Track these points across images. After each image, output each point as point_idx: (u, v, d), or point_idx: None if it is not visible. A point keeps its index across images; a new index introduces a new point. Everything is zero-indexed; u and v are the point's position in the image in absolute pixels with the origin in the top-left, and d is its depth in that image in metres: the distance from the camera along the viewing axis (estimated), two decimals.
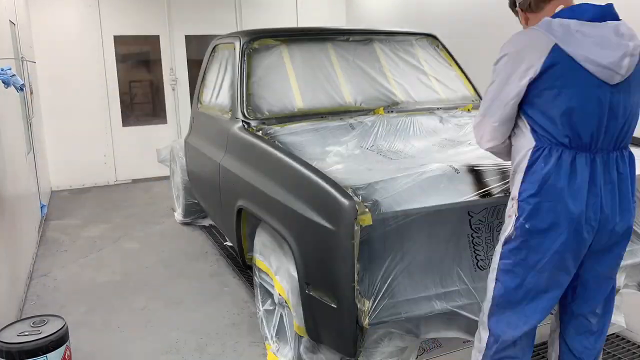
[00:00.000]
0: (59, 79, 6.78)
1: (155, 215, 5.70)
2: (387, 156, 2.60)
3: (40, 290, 3.85)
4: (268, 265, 2.69)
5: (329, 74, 3.47)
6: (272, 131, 2.96)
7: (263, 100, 3.28)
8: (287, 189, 2.38)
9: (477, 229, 2.14)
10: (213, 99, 3.97)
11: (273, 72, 3.42)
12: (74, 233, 5.15)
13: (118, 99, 7.18)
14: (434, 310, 2.06)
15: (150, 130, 7.43)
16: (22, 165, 4.42)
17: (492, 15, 5.28)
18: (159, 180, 7.24)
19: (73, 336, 3.16)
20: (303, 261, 2.20)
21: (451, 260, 2.12)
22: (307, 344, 2.38)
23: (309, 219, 2.13)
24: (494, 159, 2.34)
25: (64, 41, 6.79)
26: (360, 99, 3.42)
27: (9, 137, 3.84)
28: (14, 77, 2.97)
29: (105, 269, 4.18)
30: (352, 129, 3.00)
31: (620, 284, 2.44)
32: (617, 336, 2.92)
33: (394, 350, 2.20)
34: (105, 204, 6.24)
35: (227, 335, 3.15)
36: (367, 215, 1.91)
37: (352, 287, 1.93)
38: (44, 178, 6.14)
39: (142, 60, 7.57)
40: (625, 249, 1.96)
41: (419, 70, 3.75)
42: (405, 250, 2.02)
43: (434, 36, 4.05)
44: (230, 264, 4.21)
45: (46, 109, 6.74)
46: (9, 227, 3.43)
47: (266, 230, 2.75)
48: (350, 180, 2.13)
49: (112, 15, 7.02)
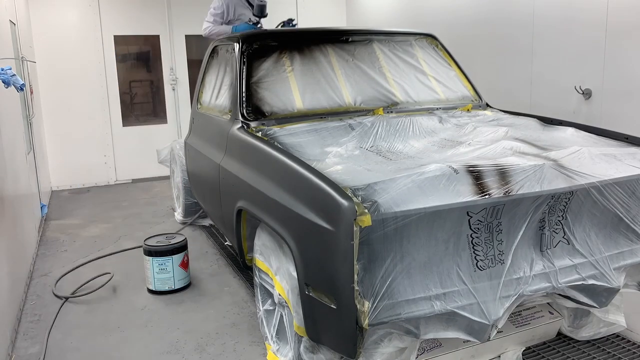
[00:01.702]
0: (59, 79, 6.79)
1: (156, 215, 5.70)
2: (387, 157, 2.60)
3: (40, 290, 3.85)
4: (268, 265, 2.69)
5: (328, 74, 3.47)
6: (271, 132, 2.96)
7: (262, 101, 3.28)
8: (287, 190, 2.38)
9: (477, 229, 2.14)
10: (213, 99, 3.97)
11: (272, 73, 3.41)
12: (74, 233, 5.16)
13: (118, 99, 7.19)
14: (433, 311, 2.06)
15: (150, 130, 7.43)
16: (22, 165, 4.42)
17: (491, 15, 5.29)
18: (159, 180, 7.25)
19: (73, 336, 3.18)
20: (303, 262, 2.21)
21: (450, 260, 2.12)
22: (307, 344, 2.38)
23: (308, 219, 2.13)
24: (493, 159, 2.35)
25: (64, 41, 6.80)
26: (360, 100, 3.42)
27: (9, 136, 3.84)
28: (14, 77, 2.97)
29: (105, 269, 4.18)
30: (352, 130, 3.00)
31: (620, 284, 2.44)
32: (617, 336, 2.92)
33: (393, 350, 2.20)
34: (105, 203, 6.24)
35: (227, 335, 3.15)
36: (366, 216, 1.91)
37: (352, 288, 1.94)
38: (44, 178, 6.15)
39: (142, 60, 7.56)
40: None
41: (419, 71, 3.74)
42: (405, 250, 2.02)
43: (434, 36, 4.05)
44: (230, 264, 4.22)
45: (46, 109, 6.74)
46: (9, 227, 3.43)
47: (266, 230, 2.75)
48: (350, 181, 2.13)
49: (112, 15, 7.03)
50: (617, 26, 4.01)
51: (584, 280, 2.35)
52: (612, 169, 2.44)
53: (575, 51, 4.42)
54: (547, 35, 4.68)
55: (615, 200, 2.40)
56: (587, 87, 4.33)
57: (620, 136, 2.93)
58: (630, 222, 2.47)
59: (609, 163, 2.49)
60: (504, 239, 2.20)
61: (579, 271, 2.35)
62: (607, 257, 2.42)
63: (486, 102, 3.83)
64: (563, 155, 2.45)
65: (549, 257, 2.32)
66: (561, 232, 2.34)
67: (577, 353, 2.79)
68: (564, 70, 4.53)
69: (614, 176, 2.40)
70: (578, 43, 4.39)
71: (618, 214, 2.43)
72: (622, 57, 4.04)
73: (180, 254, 3.74)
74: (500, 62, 5.17)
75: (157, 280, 3.70)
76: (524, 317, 2.74)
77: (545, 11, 4.68)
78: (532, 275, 2.25)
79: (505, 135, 2.90)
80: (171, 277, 3.70)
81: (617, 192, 2.40)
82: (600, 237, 2.44)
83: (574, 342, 2.87)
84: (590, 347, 2.84)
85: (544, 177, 2.25)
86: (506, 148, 2.60)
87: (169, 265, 3.68)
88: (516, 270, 2.23)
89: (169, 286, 3.71)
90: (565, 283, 2.31)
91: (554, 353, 2.79)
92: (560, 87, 4.56)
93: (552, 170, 2.29)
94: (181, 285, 3.76)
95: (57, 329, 3.28)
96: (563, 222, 2.34)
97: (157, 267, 3.67)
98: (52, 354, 3.00)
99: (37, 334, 3.23)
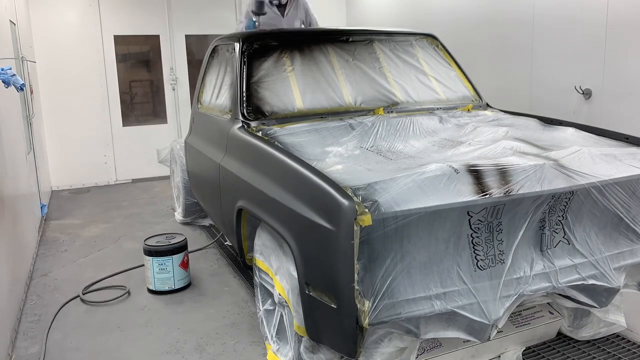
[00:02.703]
0: (59, 79, 6.78)
1: (156, 215, 5.70)
2: (387, 156, 2.60)
3: (40, 290, 3.85)
4: (268, 265, 2.69)
5: (328, 74, 3.47)
6: (272, 132, 2.96)
7: (263, 100, 3.28)
8: (287, 189, 2.38)
9: (477, 229, 2.14)
10: (213, 99, 3.97)
11: (273, 72, 3.41)
12: (74, 233, 5.15)
13: (118, 99, 7.18)
14: (433, 310, 2.06)
15: (151, 130, 7.43)
16: (22, 164, 4.42)
17: (491, 16, 5.29)
18: (159, 180, 7.25)
19: (73, 336, 3.18)
20: (303, 261, 2.21)
21: (451, 260, 2.12)
22: (307, 344, 2.38)
23: (308, 219, 2.13)
24: (493, 159, 2.35)
25: (64, 41, 6.80)
26: (360, 99, 3.42)
27: (9, 136, 3.84)
28: (14, 77, 2.97)
29: (105, 269, 4.18)
30: (352, 130, 3.00)
31: (621, 284, 2.44)
32: (617, 336, 2.92)
33: (393, 350, 2.20)
34: (106, 203, 6.24)
35: (227, 335, 3.15)
36: (366, 215, 1.91)
37: (352, 287, 1.94)
38: (44, 178, 6.15)
39: (142, 60, 7.56)
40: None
41: (419, 71, 3.75)
42: (405, 250, 2.02)
43: (434, 36, 4.05)
44: (231, 263, 4.22)
45: (46, 109, 6.74)
46: (9, 227, 3.43)
47: (266, 230, 2.75)
48: (350, 181, 2.13)
49: (112, 15, 7.03)
50: (617, 26, 4.01)
51: (584, 280, 2.35)
52: (613, 169, 2.44)
53: (575, 51, 4.42)
54: (547, 35, 4.68)
55: (615, 200, 2.40)
56: (587, 87, 4.33)
57: (620, 136, 2.93)
58: (630, 222, 2.47)
59: (609, 163, 2.49)
60: (504, 238, 2.20)
61: (579, 271, 2.35)
62: (607, 257, 2.42)
63: (486, 102, 3.83)
64: (563, 155, 2.45)
65: (549, 257, 2.32)
66: (561, 232, 2.34)
67: (577, 353, 2.79)
68: (564, 70, 4.53)
69: (614, 176, 2.40)
70: (578, 43, 4.39)
71: (618, 214, 2.44)
72: (622, 57, 4.04)
73: (180, 253, 3.75)
74: (501, 62, 5.17)
75: (157, 280, 3.70)
76: (524, 317, 2.74)
77: (545, 11, 4.68)
78: (532, 275, 2.25)
79: (505, 135, 2.90)
80: (171, 277, 3.70)
81: (617, 192, 2.40)
82: (600, 237, 2.44)
83: (574, 342, 2.87)
84: (590, 347, 2.84)
85: (544, 177, 2.25)
86: (506, 148, 2.60)
87: (169, 265, 3.69)
88: (516, 270, 2.23)
89: (169, 286, 3.71)
90: (565, 283, 2.32)
91: (554, 353, 2.79)
92: (560, 87, 4.56)
93: (553, 170, 2.29)
94: (181, 285, 3.76)
95: (57, 329, 3.28)
96: (563, 222, 2.34)
97: (157, 267, 3.68)
98: (52, 354, 3.00)
99: (37, 334, 3.22)
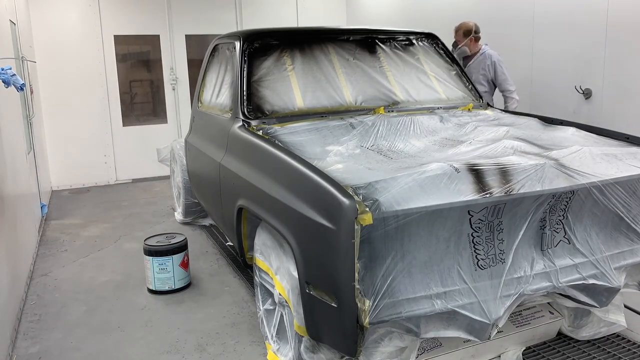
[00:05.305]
0: (59, 79, 6.78)
1: (156, 214, 5.70)
2: (388, 155, 2.59)
3: (40, 290, 3.85)
4: (268, 264, 2.69)
5: (329, 73, 3.47)
6: (272, 130, 2.96)
7: (263, 99, 3.27)
8: (288, 188, 2.38)
9: (477, 228, 2.14)
10: (213, 98, 3.97)
11: (273, 71, 3.41)
12: (74, 233, 5.15)
13: (118, 99, 7.18)
14: (434, 310, 2.06)
15: (151, 130, 7.43)
16: (23, 164, 4.42)
17: (492, 15, 5.29)
18: (159, 179, 7.25)
19: (73, 336, 3.18)
20: (303, 260, 2.20)
21: (451, 259, 2.12)
22: (308, 344, 2.38)
23: (309, 218, 2.13)
24: (494, 159, 2.35)
25: (64, 41, 6.80)
26: (361, 99, 3.42)
27: (10, 136, 3.84)
28: (14, 77, 2.97)
29: (105, 269, 4.18)
30: (353, 129, 3.00)
31: (621, 283, 2.44)
32: (618, 336, 2.92)
33: (394, 349, 2.20)
34: (106, 203, 6.24)
35: (227, 335, 3.15)
36: (367, 214, 1.91)
37: (353, 287, 1.93)
38: (44, 178, 6.14)
39: (142, 59, 7.56)
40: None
41: (420, 70, 3.75)
42: (406, 249, 2.02)
43: (434, 36, 4.05)
44: (231, 263, 4.22)
45: (46, 109, 6.74)
46: (9, 227, 3.43)
47: (266, 229, 2.75)
48: (351, 180, 2.13)
49: (112, 15, 7.03)
50: (617, 26, 4.01)
51: (585, 280, 2.35)
52: (613, 169, 2.44)
53: (575, 51, 4.42)
54: (547, 35, 4.68)
55: (616, 200, 2.40)
56: (587, 87, 4.33)
57: (620, 136, 2.93)
58: (631, 222, 2.47)
59: (610, 163, 2.49)
60: (504, 238, 2.20)
61: (580, 271, 2.35)
62: (608, 256, 2.42)
63: (487, 102, 3.83)
64: (564, 155, 2.45)
65: (549, 256, 2.32)
66: (562, 231, 2.34)
67: (577, 353, 2.79)
68: (564, 70, 4.53)
69: (615, 176, 2.40)
70: (578, 43, 4.39)
71: (619, 214, 2.43)
72: (622, 57, 4.04)
73: (180, 253, 3.75)
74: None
75: (157, 280, 3.70)
76: (524, 316, 2.74)
77: (545, 11, 4.68)
78: (532, 274, 2.25)
79: (506, 134, 2.90)
80: (171, 276, 3.70)
81: (618, 191, 2.40)
82: (601, 237, 2.44)
83: (574, 342, 2.87)
84: (591, 346, 2.84)
85: (545, 176, 2.25)
86: (507, 147, 2.60)
87: (169, 265, 3.68)
88: (517, 270, 2.23)
89: (169, 286, 3.71)
90: (565, 282, 2.31)
91: (554, 353, 2.79)
92: (560, 87, 4.56)
93: (553, 170, 2.29)
94: (181, 285, 3.76)
95: (57, 329, 3.28)
96: (564, 222, 2.34)
97: (157, 266, 3.67)
98: (52, 354, 3.00)
99: (37, 334, 3.22)
